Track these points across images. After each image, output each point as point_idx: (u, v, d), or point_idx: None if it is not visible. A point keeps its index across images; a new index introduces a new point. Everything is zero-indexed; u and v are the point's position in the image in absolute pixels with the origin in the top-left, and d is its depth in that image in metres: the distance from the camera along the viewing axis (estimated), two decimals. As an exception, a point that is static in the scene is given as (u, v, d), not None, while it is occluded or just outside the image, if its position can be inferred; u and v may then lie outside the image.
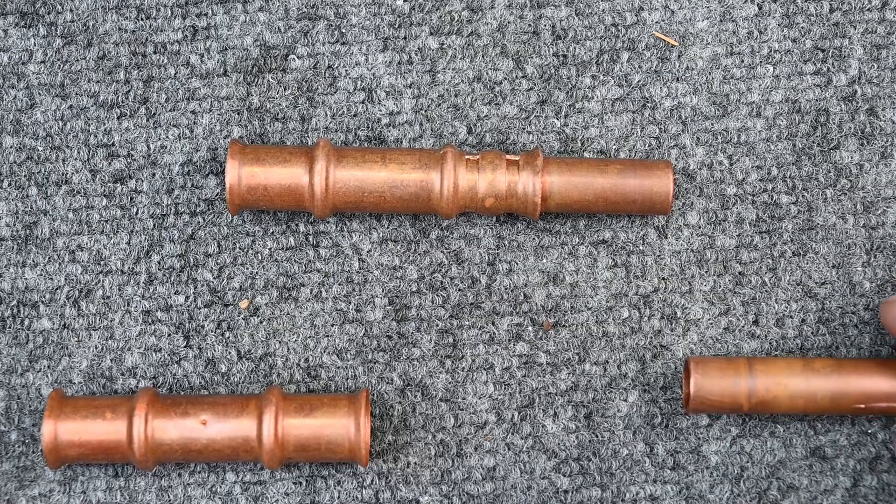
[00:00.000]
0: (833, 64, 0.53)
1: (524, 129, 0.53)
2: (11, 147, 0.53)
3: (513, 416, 0.52)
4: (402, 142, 0.53)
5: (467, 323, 0.52)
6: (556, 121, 0.53)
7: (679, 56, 0.54)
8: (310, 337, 0.52)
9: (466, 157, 0.51)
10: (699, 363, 0.49)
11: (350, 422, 0.49)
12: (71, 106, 0.53)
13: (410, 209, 0.51)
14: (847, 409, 0.49)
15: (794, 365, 0.49)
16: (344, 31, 0.54)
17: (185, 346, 0.52)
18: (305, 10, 0.54)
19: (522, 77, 0.53)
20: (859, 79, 0.53)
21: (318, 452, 0.49)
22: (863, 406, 0.49)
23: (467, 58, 0.54)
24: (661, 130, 0.53)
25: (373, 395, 0.52)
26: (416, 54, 0.54)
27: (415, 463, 0.51)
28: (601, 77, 0.53)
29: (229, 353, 0.52)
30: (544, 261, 0.53)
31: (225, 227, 0.53)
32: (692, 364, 0.49)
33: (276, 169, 0.50)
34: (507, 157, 0.51)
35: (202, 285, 0.53)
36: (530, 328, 0.52)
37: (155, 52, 0.54)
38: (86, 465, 0.51)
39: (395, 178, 0.50)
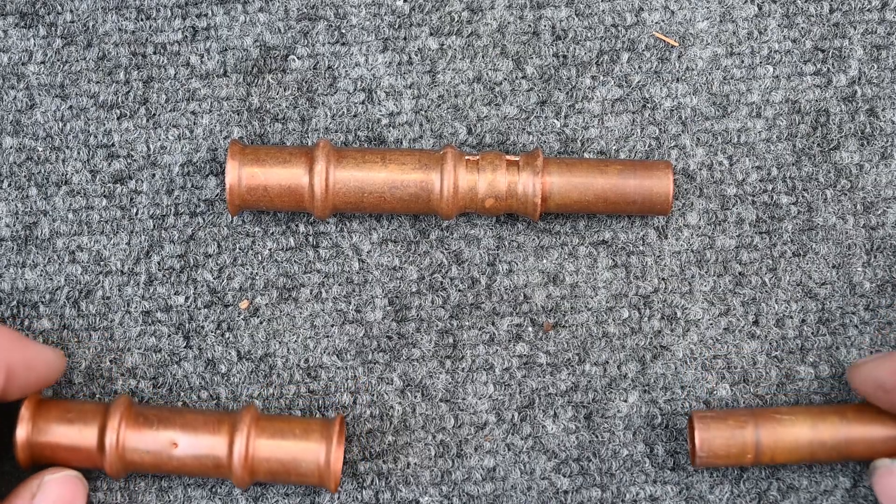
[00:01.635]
0: (833, 64, 0.53)
1: (524, 129, 0.53)
2: (11, 147, 0.53)
3: (513, 416, 0.52)
4: (402, 142, 0.53)
5: (467, 323, 0.52)
6: (556, 121, 0.53)
7: (679, 56, 0.54)
8: (310, 337, 0.52)
9: (466, 157, 0.51)
10: (703, 420, 0.49)
11: (321, 448, 0.48)
12: (71, 106, 0.53)
13: (410, 210, 0.51)
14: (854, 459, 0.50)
15: (802, 426, 0.49)
16: (344, 31, 0.54)
17: (185, 347, 0.52)
18: (305, 10, 0.54)
19: (522, 77, 0.53)
20: (859, 79, 0.53)
21: (288, 477, 0.49)
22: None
23: (467, 58, 0.54)
24: (661, 131, 0.53)
25: (372, 395, 0.52)
26: (416, 55, 0.54)
27: (415, 463, 0.51)
28: (601, 77, 0.53)
29: (229, 353, 0.52)
30: (544, 261, 0.53)
31: (225, 228, 0.53)
32: (696, 421, 0.49)
33: (275, 169, 0.50)
34: (507, 157, 0.51)
35: (202, 286, 0.53)
36: (530, 329, 0.52)
37: (155, 53, 0.54)
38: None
39: (395, 179, 0.50)
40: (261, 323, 0.52)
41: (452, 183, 0.50)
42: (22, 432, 0.49)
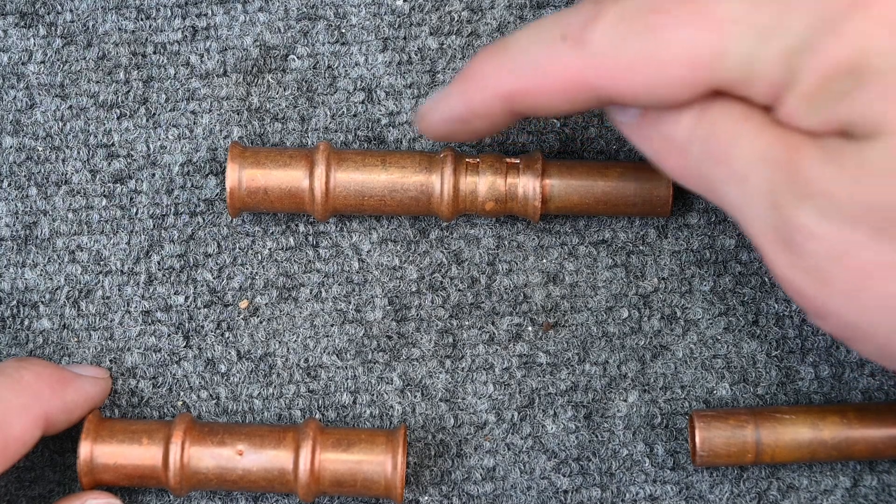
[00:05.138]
0: (833, 64, 0.53)
1: (524, 128, 0.53)
2: (11, 147, 0.53)
3: (513, 416, 0.52)
4: (401, 142, 0.53)
5: (467, 323, 0.52)
6: (555, 121, 0.53)
7: (679, 56, 0.54)
8: (309, 337, 0.52)
9: (467, 160, 0.51)
10: (704, 419, 0.49)
11: (387, 459, 0.48)
12: (71, 106, 0.53)
13: (410, 212, 0.51)
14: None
15: (802, 426, 0.49)
16: (344, 31, 0.54)
17: (184, 347, 0.52)
18: (305, 10, 0.54)
19: (522, 77, 0.53)
20: (859, 79, 0.53)
21: (354, 488, 0.49)
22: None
23: (467, 58, 0.54)
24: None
25: (372, 395, 0.52)
26: (416, 54, 0.54)
27: (414, 463, 0.51)
28: (601, 77, 0.53)
29: (229, 353, 0.52)
30: (544, 261, 0.53)
31: (225, 228, 0.53)
32: (696, 421, 0.49)
33: (276, 172, 0.50)
34: (508, 160, 0.51)
35: (202, 285, 0.53)
36: (530, 328, 0.52)
37: (155, 53, 0.54)
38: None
39: (396, 182, 0.50)
40: (261, 323, 0.52)
41: (452, 186, 0.50)
42: (84, 454, 0.49)
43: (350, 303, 0.52)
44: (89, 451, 0.49)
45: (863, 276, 0.39)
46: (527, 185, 0.50)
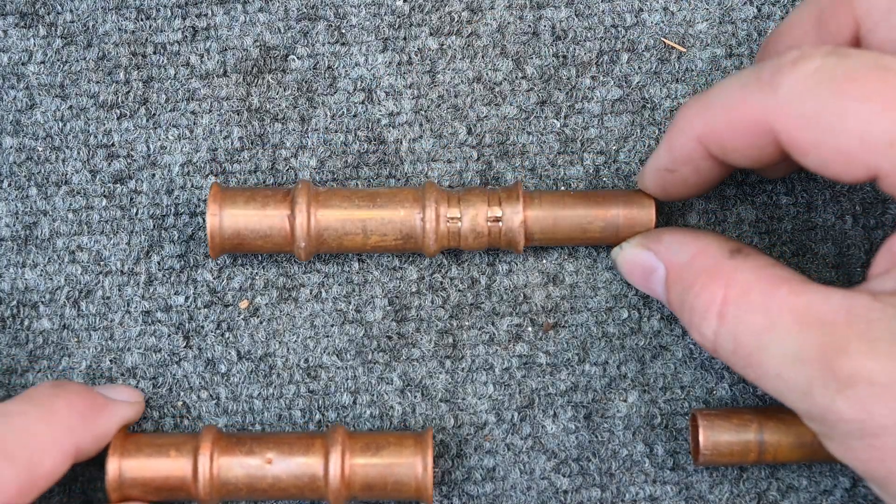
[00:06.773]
0: (832, 65, 0.53)
1: (524, 129, 0.53)
2: (11, 147, 0.53)
3: (512, 416, 0.52)
4: (401, 142, 0.53)
5: (467, 323, 0.52)
6: (555, 121, 0.53)
7: (679, 58, 0.54)
8: (310, 337, 0.52)
9: (447, 194, 0.50)
10: (707, 418, 0.49)
11: (417, 461, 0.48)
12: (71, 106, 0.53)
13: (393, 249, 0.51)
14: None
15: (804, 426, 0.49)
16: (344, 31, 0.54)
17: (184, 347, 0.52)
18: (305, 10, 0.54)
19: (522, 77, 0.53)
20: (859, 80, 0.53)
21: (385, 492, 0.49)
22: None
23: (467, 58, 0.54)
24: (660, 131, 0.53)
25: (372, 395, 0.52)
26: (416, 55, 0.54)
27: (415, 463, 0.51)
28: (601, 78, 0.54)
29: (229, 353, 0.52)
30: (544, 261, 0.53)
31: (225, 228, 0.53)
32: (700, 419, 0.49)
33: (256, 213, 0.50)
34: (489, 191, 0.50)
35: (202, 286, 0.53)
36: (530, 329, 0.52)
37: (155, 53, 0.54)
38: (86, 466, 0.51)
39: (377, 218, 0.50)
40: (261, 323, 0.52)
41: (434, 221, 0.49)
42: (112, 469, 0.48)
43: (350, 303, 0.52)
44: (117, 466, 0.48)
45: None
46: (509, 219, 0.50)
